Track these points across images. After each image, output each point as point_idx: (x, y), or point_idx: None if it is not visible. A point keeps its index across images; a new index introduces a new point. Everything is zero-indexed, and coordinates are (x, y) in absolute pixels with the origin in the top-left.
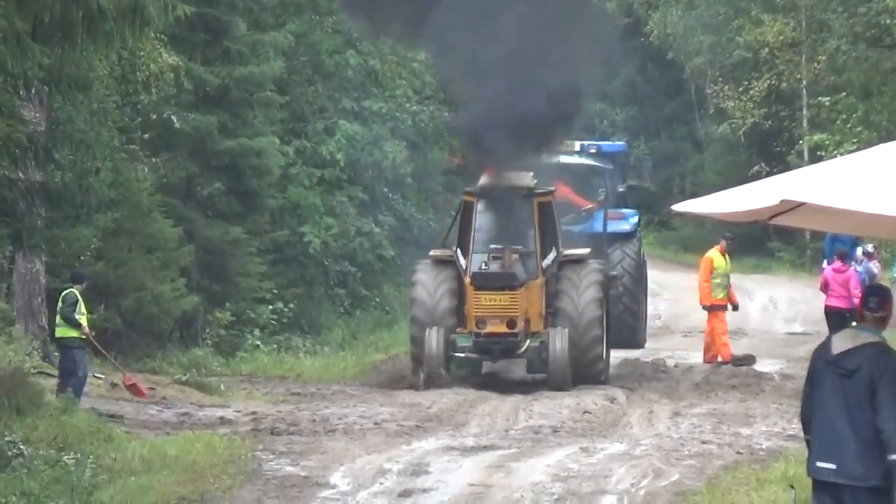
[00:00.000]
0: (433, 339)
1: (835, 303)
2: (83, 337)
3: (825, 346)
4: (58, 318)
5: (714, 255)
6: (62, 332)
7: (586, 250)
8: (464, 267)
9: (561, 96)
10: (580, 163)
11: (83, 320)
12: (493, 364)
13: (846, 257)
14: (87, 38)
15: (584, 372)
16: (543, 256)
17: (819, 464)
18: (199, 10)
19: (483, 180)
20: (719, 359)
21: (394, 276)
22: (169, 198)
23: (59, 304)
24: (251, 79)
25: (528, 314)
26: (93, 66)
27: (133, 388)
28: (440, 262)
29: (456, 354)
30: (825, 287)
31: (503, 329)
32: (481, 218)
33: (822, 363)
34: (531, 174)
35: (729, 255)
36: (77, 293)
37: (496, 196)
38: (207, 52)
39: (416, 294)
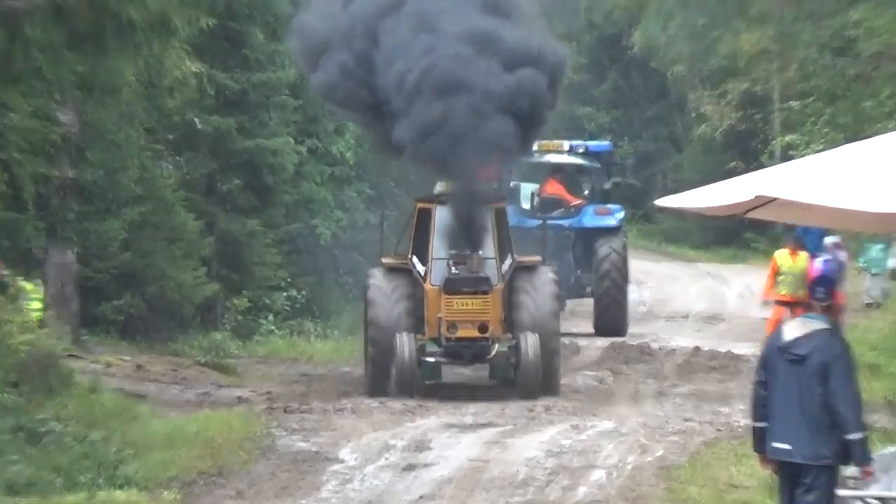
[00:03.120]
0: (404, 344)
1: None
2: None
3: (777, 334)
4: None
5: (779, 255)
6: None
7: (537, 257)
8: (422, 273)
9: (521, 93)
10: (569, 161)
11: None
12: (454, 370)
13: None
14: (118, 48)
15: (544, 381)
16: (501, 262)
17: (775, 444)
18: (221, 21)
19: (440, 187)
20: None
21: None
22: (191, 193)
23: None
24: (268, 84)
25: (493, 319)
26: (122, 73)
27: None
28: (393, 270)
29: (426, 360)
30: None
31: (475, 333)
32: (440, 225)
33: (775, 350)
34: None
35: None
36: None
37: (456, 203)
38: (227, 60)
39: (373, 296)
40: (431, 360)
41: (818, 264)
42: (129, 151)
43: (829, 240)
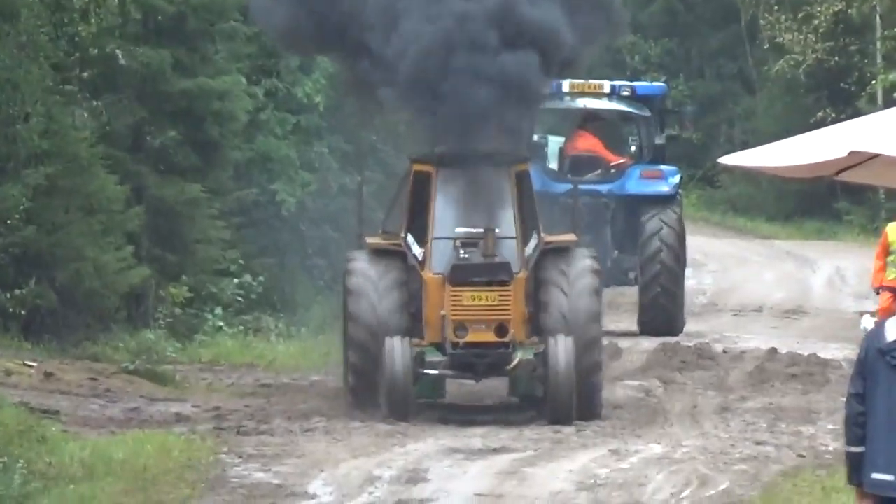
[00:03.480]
0: (396, 352)
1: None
2: None
3: (877, 332)
4: None
5: (891, 228)
6: None
7: (571, 236)
8: (420, 258)
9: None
10: (609, 108)
11: None
12: (461, 385)
13: None
14: None
15: (578, 392)
16: (525, 243)
17: (876, 476)
18: None
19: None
20: None
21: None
22: (113, 149)
23: None
24: (212, 6)
25: (514, 318)
26: None
27: None
28: (381, 253)
29: (426, 372)
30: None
31: (490, 337)
32: (443, 194)
33: (875, 353)
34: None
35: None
36: None
37: (464, 164)
38: None
39: (355, 285)
40: (433, 372)
41: None
42: (30, 94)
43: None
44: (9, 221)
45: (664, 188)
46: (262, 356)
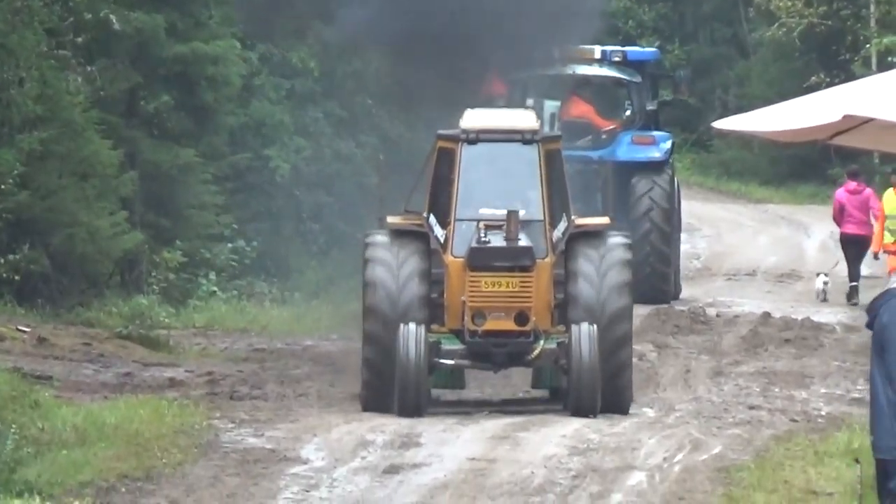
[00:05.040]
0: (410, 340)
1: (852, 230)
2: None
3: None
4: None
5: (887, 196)
6: None
7: (604, 219)
8: (442, 240)
9: None
10: (601, 74)
11: None
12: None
13: (858, 175)
14: None
15: (604, 390)
16: (553, 227)
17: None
18: None
19: (468, 119)
20: None
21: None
22: (107, 114)
23: None
24: None
25: (536, 306)
26: None
27: None
28: (402, 234)
29: (441, 362)
30: (839, 215)
31: (510, 325)
32: (467, 172)
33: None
34: (532, 112)
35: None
36: None
37: (490, 140)
38: None
39: (374, 275)
40: (449, 362)
41: None
42: (24, 59)
43: None
44: (2, 186)
45: (655, 154)
46: (255, 321)
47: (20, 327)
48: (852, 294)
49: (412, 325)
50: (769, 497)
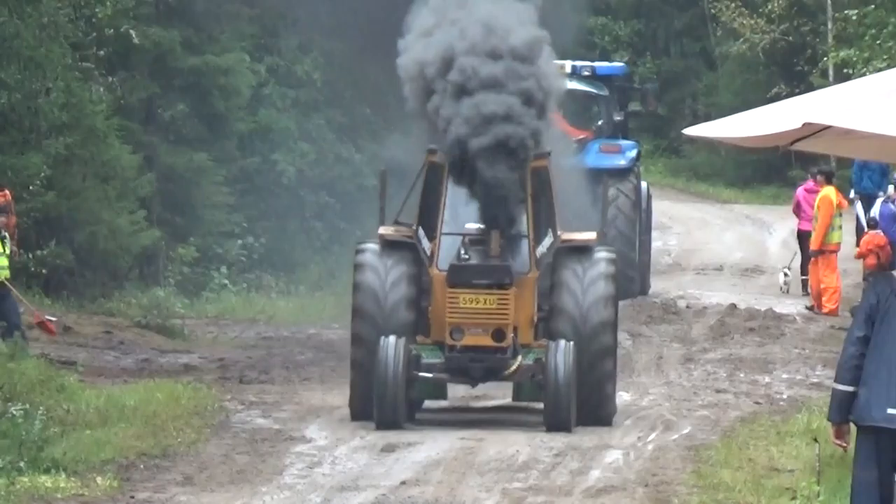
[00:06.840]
0: (389, 352)
1: (806, 226)
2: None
3: (888, 277)
4: None
5: (825, 194)
6: None
7: (592, 234)
8: (429, 253)
9: None
10: (571, 87)
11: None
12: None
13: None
14: None
15: (587, 401)
16: (537, 243)
17: (891, 410)
18: None
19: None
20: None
21: (376, 209)
22: (127, 121)
23: None
24: None
25: (517, 321)
26: None
27: (43, 326)
28: (393, 245)
29: (421, 375)
30: (797, 209)
31: (487, 341)
32: (454, 187)
33: (887, 296)
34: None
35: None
36: None
37: (478, 158)
38: None
39: (364, 278)
40: (429, 375)
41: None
42: (51, 71)
43: (893, 187)
44: (31, 188)
45: (621, 162)
46: (263, 311)
47: (49, 317)
48: (805, 286)
49: (392, 338)
50: (735, 474)
